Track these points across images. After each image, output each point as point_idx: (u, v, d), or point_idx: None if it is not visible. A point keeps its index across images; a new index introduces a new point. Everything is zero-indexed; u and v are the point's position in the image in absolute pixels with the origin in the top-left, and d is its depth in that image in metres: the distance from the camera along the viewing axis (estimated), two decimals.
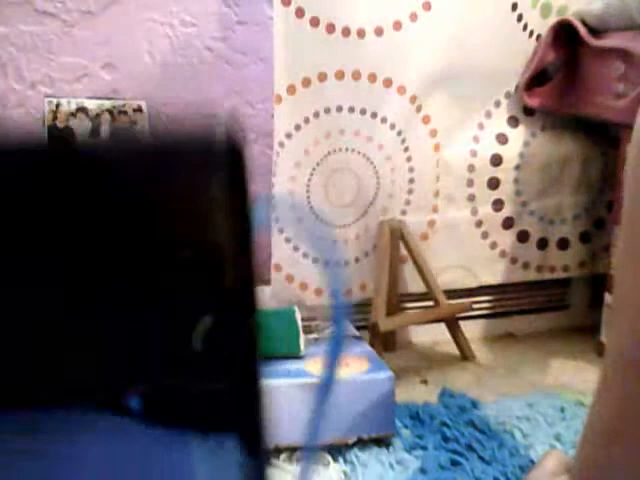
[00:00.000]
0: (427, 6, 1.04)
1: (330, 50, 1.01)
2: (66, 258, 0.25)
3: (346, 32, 1.01)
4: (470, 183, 1.18)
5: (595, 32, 1.10)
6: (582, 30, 1.09)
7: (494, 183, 1.19)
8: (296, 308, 0.95)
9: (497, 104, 1.18)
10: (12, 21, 1.01)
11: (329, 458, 0.82)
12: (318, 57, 1.01)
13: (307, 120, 1.04)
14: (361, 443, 0.85)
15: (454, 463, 0.82)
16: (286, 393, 0.83)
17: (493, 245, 1.22)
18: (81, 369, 0.25)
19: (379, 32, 1.03)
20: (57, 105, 1.04)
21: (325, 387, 0.29)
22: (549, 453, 0.72)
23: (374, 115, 1.06)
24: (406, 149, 1.12)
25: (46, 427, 0.25)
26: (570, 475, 0.60)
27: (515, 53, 1.15)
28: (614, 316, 0.50)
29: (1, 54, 1.02)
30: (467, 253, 1.20)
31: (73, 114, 1.05)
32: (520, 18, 1.12)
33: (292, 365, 0.89)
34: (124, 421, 0.25)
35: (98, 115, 1.06)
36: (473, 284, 1.23)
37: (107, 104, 1.06)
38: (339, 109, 1.04)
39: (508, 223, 1.22)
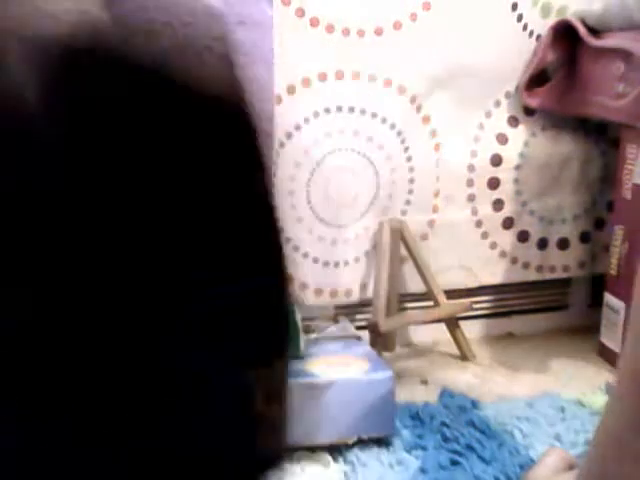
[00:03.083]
0: (427, 6, 1.04)
1: (330, 50, 1.01)
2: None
3: (346, 32, 1.01)
4: (470, 183, 1.18)
5: (595, 32, 1.10)
6: (582, 30, 1.09)
7: (494, 183, 1.19)
8: (296, 308, 0.95)
9: (497, 104, 1.17)
10: None
11: (329, 458, 0.82)
12: (318, 57, 1.01)
13: (307, 120, 1.04)
14: (361, 443, 0.84)
15: (454, 463, 0.81)
16: None
17: (493, 245, 1.22)
18: None
19: (379, 32, 1.03)
20: None
21: None
22: (550, 450, 0.72)
23: (374, 115, 1.06)
24: (406, 149, 1.12)
25: None
26: (571, 473, 0.60)
27: (515, 53, 1.15)
28: (634, 334, 0.50)
29: None
30: (467, 253, 1.20)
31: None
32: (520, 18, 1.12)
33: (292, 365, 0.89)
34: None
35: None
36: (473, 284, 1.23)
37: None
38: (339, 109, 1.04)
39: (508, 223, 1.21)
